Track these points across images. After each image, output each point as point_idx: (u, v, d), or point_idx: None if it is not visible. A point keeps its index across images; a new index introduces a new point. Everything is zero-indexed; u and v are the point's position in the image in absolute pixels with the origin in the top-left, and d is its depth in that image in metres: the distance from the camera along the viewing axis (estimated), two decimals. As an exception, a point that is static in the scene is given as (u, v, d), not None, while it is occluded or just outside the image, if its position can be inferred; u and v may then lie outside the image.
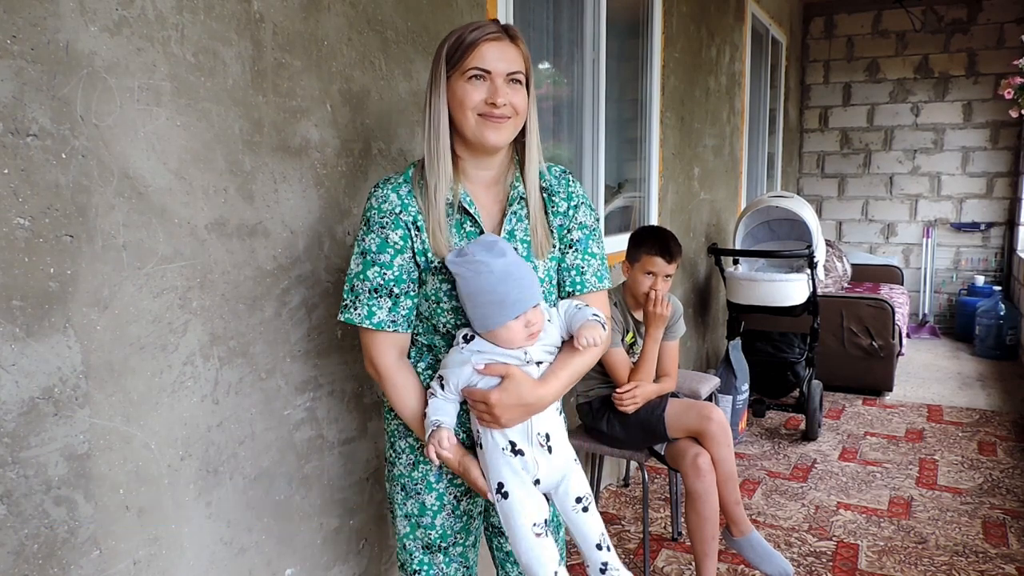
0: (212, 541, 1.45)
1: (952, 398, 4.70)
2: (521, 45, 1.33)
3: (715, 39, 4.34)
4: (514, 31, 1.33)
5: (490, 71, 1.28)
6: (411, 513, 1.46)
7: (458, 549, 1.48)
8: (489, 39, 1.28)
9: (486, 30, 1.29)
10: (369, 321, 1.33)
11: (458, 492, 1.46)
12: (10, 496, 1.11)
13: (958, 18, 6.38)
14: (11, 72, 1.07)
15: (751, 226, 4.38)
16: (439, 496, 1.44)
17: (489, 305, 1.26)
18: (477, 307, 1.27)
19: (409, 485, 1.45)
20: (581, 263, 1.41)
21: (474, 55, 1.28)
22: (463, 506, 1.47)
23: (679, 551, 2.76)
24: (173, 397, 1.35)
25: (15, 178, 1.09)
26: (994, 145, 6.39)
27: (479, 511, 1.51)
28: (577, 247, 1.41)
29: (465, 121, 1.30)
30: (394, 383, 1.38)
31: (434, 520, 1.45)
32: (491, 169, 1.39)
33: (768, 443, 3.93)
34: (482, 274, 1.25)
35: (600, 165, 3.13)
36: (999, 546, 2.78)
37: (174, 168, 1.31)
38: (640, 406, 2.42)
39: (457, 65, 1.29)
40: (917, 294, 6.70)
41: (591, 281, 1.42)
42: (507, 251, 1.27)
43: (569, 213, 1.42)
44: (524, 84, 1.33)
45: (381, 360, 1.37)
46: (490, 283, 1.25)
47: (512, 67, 1.30)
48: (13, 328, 1.09)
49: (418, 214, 1.33)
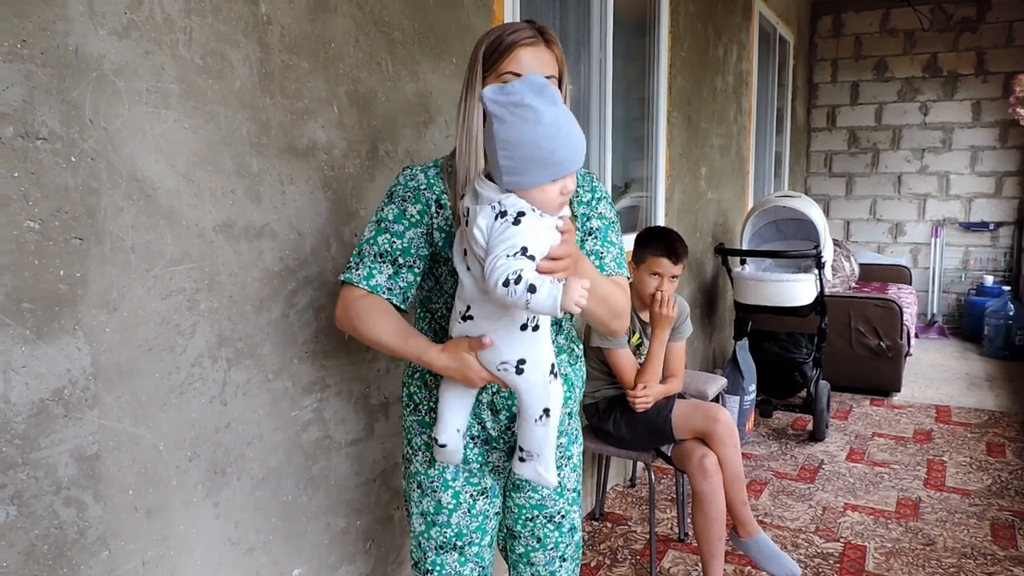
0: (220, 541, 1.46)
1: (960, 399, 4.68)
2: (556, 48, 1.35)
3: (722, 38, 4.32)
4: (550, 35, 1.35)
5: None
6: (427, 511, 1.46)
7: (473, 549, 1.48)
8: (525, 44, 1.30)
9: (523, 34, 1.31)
10: (367, 283, 1.31)
11: (474, 491, 1.46)
12: (20, 497, 1.12)
13: (967, 16, 6.34)
14: (21, 76, 1.08)
15: (758, 226, 4.36)
16: (455, 494, 1.44)
17: (529, 160, 1.10)
18: (513, 160, 1.11)
19: (425, 483, 1.45)
20: (600, 249, 1.42)
21: (510, 59, 1.30)
22: (479, 505, 1.47)
23: (686, 552, 2.76)
24: (181, 398, 1.35)
25: (25, 181, 1.09)
26: (1003, 144, 6.35)
27: (495, 511, 1.51)
28: (597, 235, 1.43)
29: None
30: (364, 308, 1.31)
31: (449, 519, 1.45)
32: None
33: (775, 444, 3.92)
34: (529, 122, 1.09)
35: (607, 164, 3.13)
36: (1008, 548, 2.76)
37: (182, 170, 1.32)
38: (650, 406, 2.42)
39: (493, 67, 1.31)
40: (925, 294, 6.67)
41: (610, 265, 1.41)
42: (558, 99, 1.13)
43: (592, 204, 1.45)
44: (558, 86, 1.35)
45: (349, 296, 1.32)
46: (536, 135, 1.09)
47: (547, 71, 1.32)
48: (23, 330, 1.10)
49: (443, 193, 1.35)
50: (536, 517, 1.52)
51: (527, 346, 1.22)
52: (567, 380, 1.46)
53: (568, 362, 1.48)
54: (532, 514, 1.52)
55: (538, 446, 1.30)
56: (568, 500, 1.54)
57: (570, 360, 1.49)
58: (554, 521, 1.53)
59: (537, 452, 1.31)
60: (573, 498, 1.55)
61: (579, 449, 1.57)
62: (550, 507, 1.52)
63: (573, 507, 1.56)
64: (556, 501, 1.52)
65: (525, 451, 1.31)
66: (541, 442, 1.30)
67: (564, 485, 1.52)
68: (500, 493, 1.52)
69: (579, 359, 1.54)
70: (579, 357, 1.54)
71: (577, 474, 1.56)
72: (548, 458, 1.32)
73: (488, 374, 1.25)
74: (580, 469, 1.58)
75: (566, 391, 1.45)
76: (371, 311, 1.31)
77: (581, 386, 1.54)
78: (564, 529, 1.54)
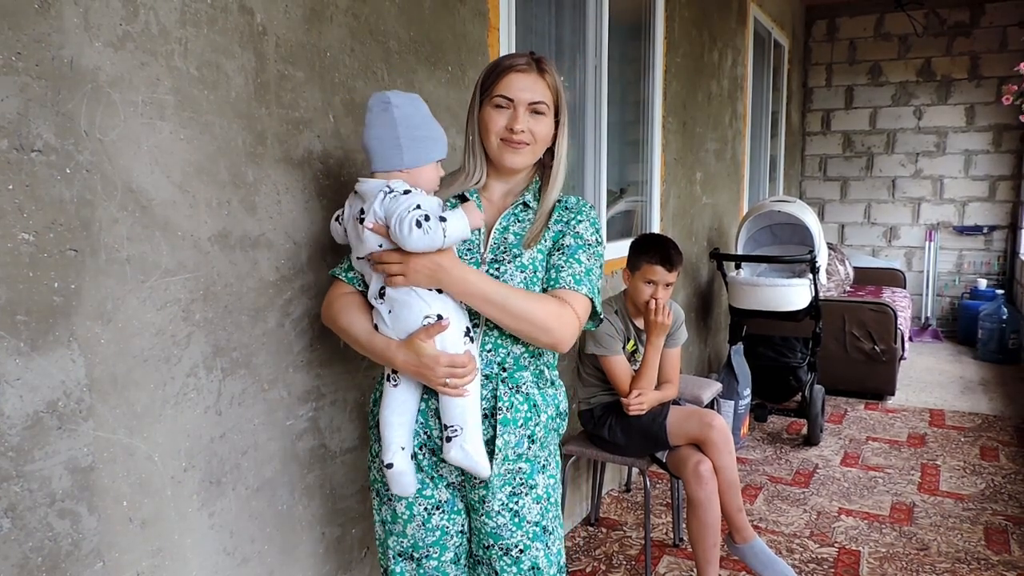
0: (215, 551, 1.46)
1: (954, 402, 4.70)
2: (548, 77, 1.42)
3: (717, 43, 4.34)
4: (544, 64, 1.42)
5: (513, 99, 1.39)
6: (385, 519, 1.47)
7: (431, 563, 1.45)
8: (516, 70, 1.39)
9: (515, 61, 1.40)
10: (345, 275, 1.43)
11: (428, 504, 1.43)
12: (14, 510, 1.12)
13: (960, 21, 6.37)
14: (16, 88, 1.08)
15: (753, 230, 4.38)
16: (408, 505, 1.44)
17: (425, 140, 1.33)
18: (412, 140, 1.31)
19: (382, 491, 1.46)
20: (562, 264, 1.41)
21: (501, 84, 1.39)
22: (435, 520, 1.44)
23: (681, 557, 2.76)
24: (176, 409, 1.35)
25: (20, 194, 1.09)
26: (997, 148, 6.38)
27: (459, 529, 1.47)
28: (564, 251, 1.43)
29: (489, 143, 1.43)
30: (344, 304, 1.41)
31: (404, 528, 1.45)
32: (511, 183, 1.50)
33: (770, 448, 3.93)
34: (421, 109, 1.33)
35: (602, 169, 3.13)
36: (1001, 553, 2.78)
37: (177, 181, 1.32)
38: (645, 411, 2.42)
39: (487, 92, 1.41)
40: (919, 297, 6.69)
41: (565, 279, 1.39)
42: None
43: (571, 224, 1.46)
44: (553, 113, 1.43)
45: (333, 292, 1.44)
46: (428, 118, 1.34)
47: (535, 97, 1.40)
48: (18, 343, 1.10)
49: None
50: (492, 547, 1.43)
51: (440, 304, 1.32)
52: (528, 399, 1.41)
53: (535, 384, 1.44)
54: (488, 542, 1.44)
55: (460, 418, 1.33)
56: (528, 533, 1.42)
57: (538, 383, 1.45)
58: (511, 555, 1.42)
59: (460, 425, 1.33)
60: (535, 533, 1.43)
61: (547, 481, 1.45)
62: (506, 538, 1.42)
63: (536, 543, 1.43)
64: (512, 532, 1.42)
65: (449, 427, 1.34)
66: (463, 412, 1.33)
67: (523, 516, 1.42)
68: (463, 510, 1.48)
69: (551, 384, 1.49)
70: (551, 382, 1.49)
71: (542, 507, 1.44)
72: (473, 432, 1.33)
73: (446, 359, 1.29)
74: (551, 505, 1.46)
75: (527, 412, 1.41)
76: (348, 307, 1.40)
77: (555, 415, 1.48)
78: (523, 567, 1.43)
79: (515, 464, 1.41)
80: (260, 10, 1.45)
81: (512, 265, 1.39)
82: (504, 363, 1.41)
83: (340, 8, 1.64)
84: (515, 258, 1.40)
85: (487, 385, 1.40)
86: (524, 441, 1.41)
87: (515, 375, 1.42)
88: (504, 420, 1.39)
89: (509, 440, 1.39)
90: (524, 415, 1.41)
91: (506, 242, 1.42)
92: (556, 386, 1.51)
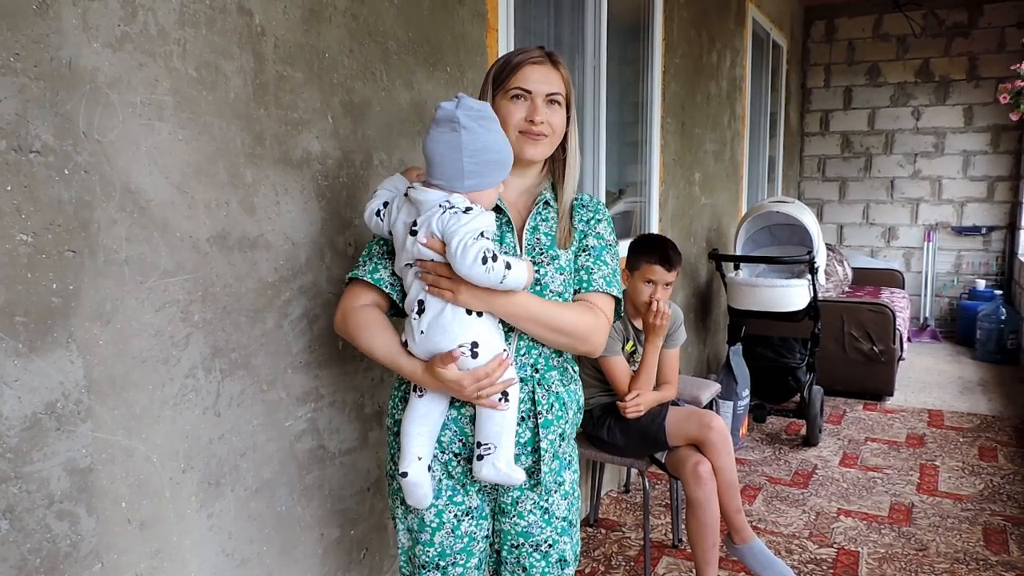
0: (214, 553, 1.45)
1: (953, 403, 4.70)
2: (562, 70, 1.44)
3: (716, 44, 4.34)
4: (556, 57, 1.44)
5: (531, 91, 1.39)
6: (412, 528, 1.46)
7: (457, 570, 1.45)
8: (532, 62, 1.40)
9: (530, 54, 1.41)
10: (371, 276, 1.40)
11: (458, 511, 1.44)
12: (13, 511, 1.12)
13: (959, 22, 6.38)
14: (14, 89, 1.07)
15: (752, 231, 4.38)
16: (438, 513, 1.43)
17: (490, 164, 1.29)
18: (476, 165, 1.27)
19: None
20: (591, 265, 1.45)
21: (517, 76, 1.39)
22: (464, 526, 1.44)
23: (680, 558, 2.76)
24: (175, 410, 1.35)
25: (18, 195, 1.09)
26: (995, 149, 6.39)
27: (484, 534, 1.49)
28: (591, 252, 1.46)
29: (507, 136, 1.39)
30: (363, 320, 1.38)
31: (432, 537, 1.43)
32: (527, 179, 1.50)
33: (769, 448, 3.93)
34: (491, 131, 1.29)
35: (601, 170, 3.13)
36: (1000, 553, 2.78)
37: (176, 182, 1.32)
38: (643, 413, 2.42)
39: (502, 85, 1.41)
40: (918, 298, 6.70)
41: (598, 282, 1.44)
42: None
43: (591, 223, 1.49)
44: (564, 105, 1.44)
45: (351, 303, 1.40)
46: (497, 142, 1.30)
47: (551, 88, 1.41)
48: (16, 344, 1.10)
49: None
50: (522, 545, 1.47)
51: (477, 330, 1.30)
52: (558, 399, 1.44)
53: (561, 381, 1.47)
54: (517, 541, 1.47)
55: (495, 435, 1.33)
56: (556, 529, 1.47)
57: (563, 380, 1.48)
58: (540, 550, 1.47)
59: (495, 443, 1.33)
60: (563, 527, 1.48)
61: (573, 476, 1.51)
62: (536, 535, 1.46)
63: (563, 537, 1.49)
64: (543, 528, 1.46)
65: (483, 445, 1.33)
66: (498, 430, 1.33)
67: (552, 512, 1.46)
68: (489, 515, 1.49)
69: (574, 380, 1.52)
70: (574, 379, 1.53)
71: (569, 503, 1.49)
72: (506, 449, 1.33)
73: (470, 377, 1.28)
74: (575, 499, 1.52)
75: (558, 410, 1.44)
76: (368, 326, 1.37)
77: (577, 410, 1.51)
78: (552, 560, 1.48)
79: (551, 463, 1.44)
80: (259, 11, 1.45)
81: (552, 267, 1.41)
82: (536, 364, 1.43)
83: (339, 9, 1.64)
84: (553, 260, 1.41)
85: (523, 388, 1.40)
86: (557, 440, 1.45)
87: (546, 375, 1.44)
88: (546, 422, 1.41)
89: (554, 440, 1.43)
90: (556, 414, 1.44)
91: (540, 243, 1.42)
92: (576, 382, 1.54)
